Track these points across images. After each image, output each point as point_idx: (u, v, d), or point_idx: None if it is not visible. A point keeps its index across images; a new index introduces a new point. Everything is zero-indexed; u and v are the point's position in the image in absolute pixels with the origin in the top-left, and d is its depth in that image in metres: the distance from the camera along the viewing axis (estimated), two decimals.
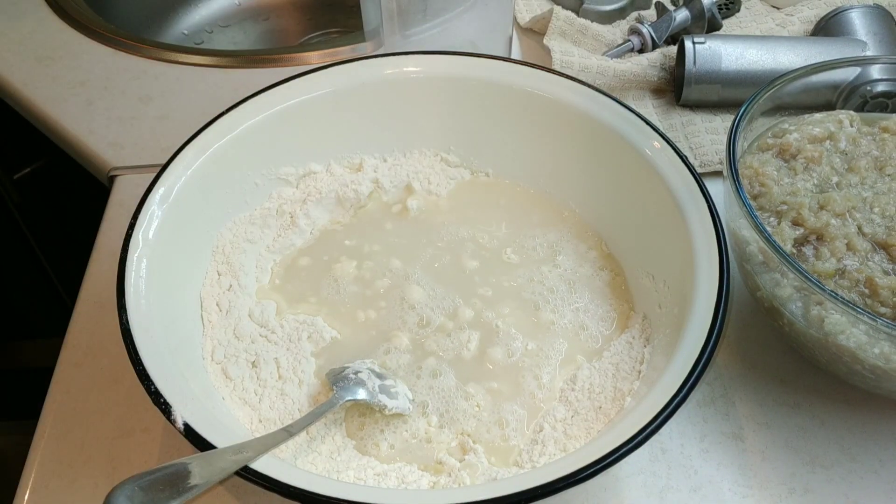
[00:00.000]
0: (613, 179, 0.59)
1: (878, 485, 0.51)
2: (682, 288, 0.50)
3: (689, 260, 0.49)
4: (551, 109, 0.60)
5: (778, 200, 0.53)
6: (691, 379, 0.42)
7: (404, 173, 0.64)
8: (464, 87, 0.61)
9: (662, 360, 0.47)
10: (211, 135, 0.56)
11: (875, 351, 0.46)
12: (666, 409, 0.41)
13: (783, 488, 0.50)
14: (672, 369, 0.44)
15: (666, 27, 0.79)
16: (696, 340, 0.44)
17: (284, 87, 0.59)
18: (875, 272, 0.49)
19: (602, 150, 0.59)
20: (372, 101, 0.61)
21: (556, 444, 0.49)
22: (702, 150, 0.71)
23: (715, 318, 0.45)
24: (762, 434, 0.53)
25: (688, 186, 0.52)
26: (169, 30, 1.04)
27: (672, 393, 0.42)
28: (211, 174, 0.56)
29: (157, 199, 0.52)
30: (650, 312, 0.54)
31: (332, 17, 1.07)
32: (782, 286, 0.49)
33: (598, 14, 0.83)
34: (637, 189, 0.56)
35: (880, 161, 0.56)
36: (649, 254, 0.56)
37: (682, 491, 0.50)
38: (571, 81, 0.60)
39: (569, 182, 0.62)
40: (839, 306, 0.46)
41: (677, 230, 0.51)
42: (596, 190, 0.61)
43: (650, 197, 0.55)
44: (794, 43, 0.74)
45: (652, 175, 0.54)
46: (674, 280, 0.52)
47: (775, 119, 0.59)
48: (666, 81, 0.77)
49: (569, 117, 0.59)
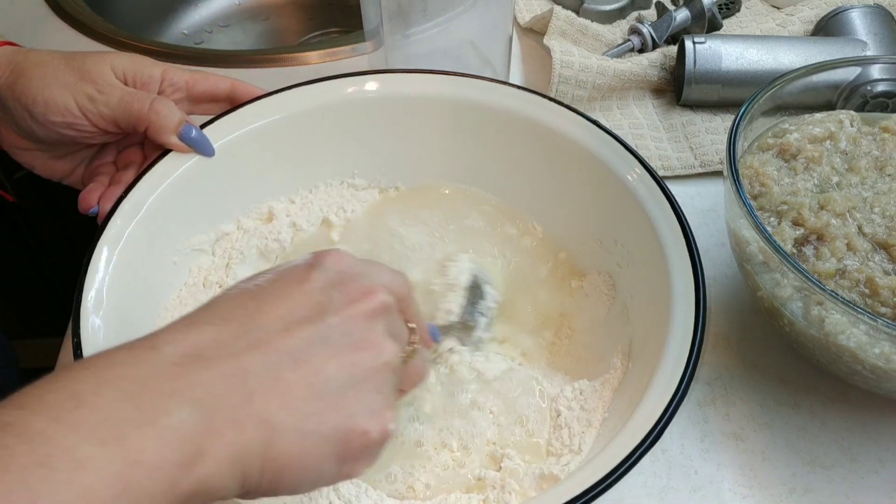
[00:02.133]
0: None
1: (878, 485, 0.51)
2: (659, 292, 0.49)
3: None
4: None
5: (778, 200, 0.53)
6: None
7: (317, 209, 0.61)
8: (347, 110, 0.59)
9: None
10: (117, 225, 0.50)
11: (875, 351, 0.46)
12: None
13: (784, 488, 0.50)
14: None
15: (666, 27, 0.79)
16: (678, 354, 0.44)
17: (166, 160, 0.53)
18: (875, 272, 0.49)
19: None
20: (261, 147, 0.57)
21: (580, 422, 0.49)
22: (702, 150, 0.71)
23: (694, 341, 0.45)
24: (762, 434, 0.53)
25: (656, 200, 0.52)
26: (169, 30, 1.04)
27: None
28: (127, 269, 0.49)
29: (91, 306, 0.46)
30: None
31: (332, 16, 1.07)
32: (783, 286, 0.49)
33: (599, 14, 0.83)
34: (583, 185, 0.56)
35: (881, 161, 0.56)
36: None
37: (682, 491, 0.50)
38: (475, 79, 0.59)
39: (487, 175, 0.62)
40: (839, 306, 0.45)
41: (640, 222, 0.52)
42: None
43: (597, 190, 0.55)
44: (794, 43, 0.74)
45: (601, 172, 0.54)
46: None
47: (775, 119, 0.59)
48: (666, 81, 0.77)
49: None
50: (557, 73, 0.72)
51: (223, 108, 0.56)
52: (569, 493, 0.38)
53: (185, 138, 0.52)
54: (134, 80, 0.53)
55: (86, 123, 0.51)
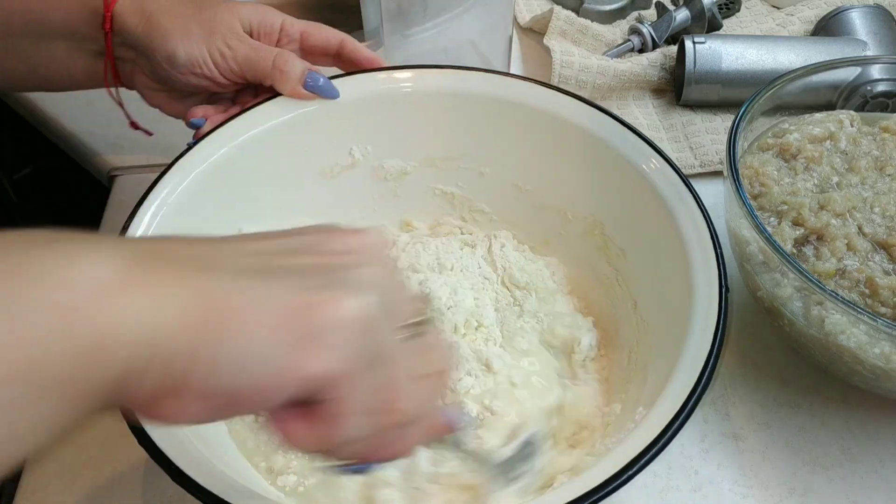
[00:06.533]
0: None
1: (878, 485, 0.51)
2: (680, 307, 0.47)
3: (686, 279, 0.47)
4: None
5: (778, 200, 0.53)
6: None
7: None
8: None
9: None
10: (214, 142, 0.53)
11: (875, 351, 0.46)
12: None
13: (783, 488, 0.50)
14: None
15: (666, 27, 0.79)
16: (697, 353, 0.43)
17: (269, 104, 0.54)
18: (875, 272, 0.49)
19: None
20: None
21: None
22: (702, 150, 0.71)
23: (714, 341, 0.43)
24: (762, 434, 0.53)
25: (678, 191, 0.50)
26: None
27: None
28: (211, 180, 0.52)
29: (157, 202, 0.49)
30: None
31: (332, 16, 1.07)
32: (783, 286, 0.49)
33: (599, 14, 0.83)
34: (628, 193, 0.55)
35: (881, 161, 0.56)
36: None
37: (682, 491, 0.50)
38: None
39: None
40: (839, 306, 0.45)
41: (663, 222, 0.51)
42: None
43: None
44: (794, 43, 0.74)
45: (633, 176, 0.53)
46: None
47: (775, 119, 0.59)
48: (666, 81, 0.77)
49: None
50: (557, 73, 0.72)
51: (332, 62, 0.59)
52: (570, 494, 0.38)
53: (312, 87, 0.54)
54: (259, 30, 0.55)
55: (219, 76, 0.54)
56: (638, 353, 0.51)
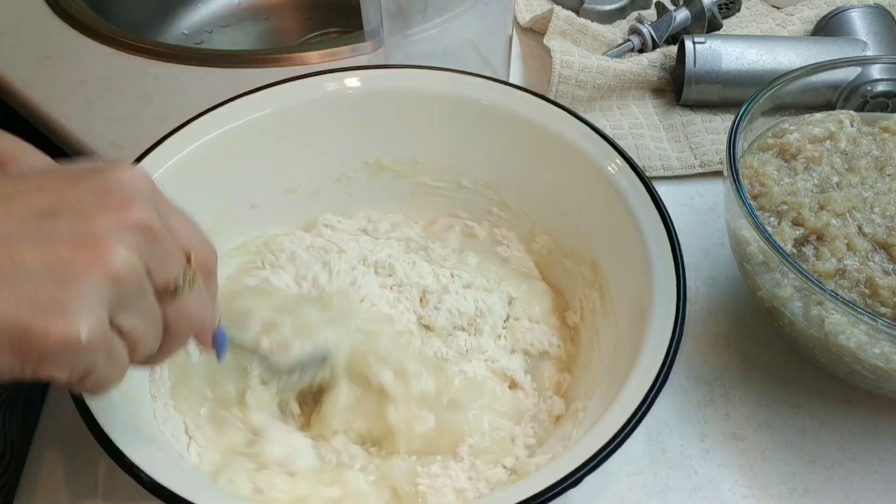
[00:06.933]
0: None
1: (878, 485, 0.51)
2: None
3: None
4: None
5: (778, 200, 0.53)
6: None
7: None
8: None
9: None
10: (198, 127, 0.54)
11: (875, 351, 0.46)
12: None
13: (783, 488, 0.50)
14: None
15: (666, 27, 0.79)
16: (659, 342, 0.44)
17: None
18: (875, 272, 0.49)
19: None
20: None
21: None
22: (702, 150, 0.71)
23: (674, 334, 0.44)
24: (762, 434, 0.53)
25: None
26: (169, 30, 1.04)
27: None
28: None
29: None
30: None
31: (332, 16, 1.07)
32: (783, 286, 0.49)
33: (599, 14, 0.83)
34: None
35: (881, 161, 0.56)
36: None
37: (682, 491, 0.50)
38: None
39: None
40: (839, 306, 0.46)
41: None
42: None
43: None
44: (794, 43, 0.74)
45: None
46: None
47: (775, 119, 0.59)
48: (666, 81, 0.77)
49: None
50: (557, 73, 0.72)
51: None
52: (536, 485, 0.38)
53: None
54: None
55: None
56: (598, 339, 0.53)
